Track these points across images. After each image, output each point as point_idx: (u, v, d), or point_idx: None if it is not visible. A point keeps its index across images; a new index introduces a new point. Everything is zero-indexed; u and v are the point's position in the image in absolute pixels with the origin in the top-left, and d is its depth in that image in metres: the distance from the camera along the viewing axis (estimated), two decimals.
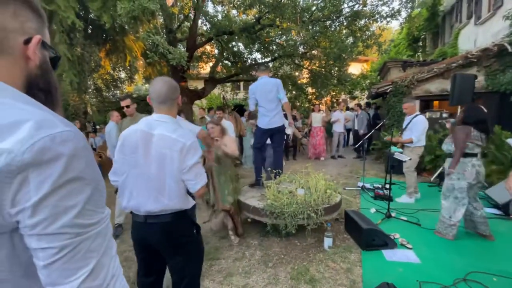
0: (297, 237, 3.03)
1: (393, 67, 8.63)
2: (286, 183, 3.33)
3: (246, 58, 9.76)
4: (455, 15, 10.19)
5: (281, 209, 2.72)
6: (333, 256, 2.68)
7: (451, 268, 2.42)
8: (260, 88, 3.64)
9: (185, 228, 1.49)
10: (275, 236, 3.07)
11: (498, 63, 5.88)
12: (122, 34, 7.09)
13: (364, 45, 7.36)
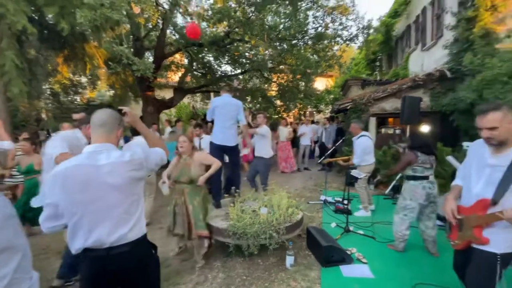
0: (260, 256, 3.04)
1: (354, 85, 9.26)
2: (250, 201, 3.36)
3: (216, 70, 9.81)
4: (406, 41, 11.34)
5: (244, 229, 2.73)
6: (294, 274, 2.73)
7: (400, 281, 2.60)
8: (221, 105, 3.77)
9: (147, 251, 1.51)
10: (239, 257, 3.05)
11: (440, 86, 6.64)
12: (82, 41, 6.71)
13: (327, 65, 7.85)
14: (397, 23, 12.04)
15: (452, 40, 6.78)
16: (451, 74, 6.39)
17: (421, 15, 9.45)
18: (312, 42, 7.66)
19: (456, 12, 6.70)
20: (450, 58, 6.73)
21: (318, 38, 7.43)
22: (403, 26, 11.57)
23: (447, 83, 6.53)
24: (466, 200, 1.69)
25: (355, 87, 9.26)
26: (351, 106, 7.28)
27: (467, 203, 1.67)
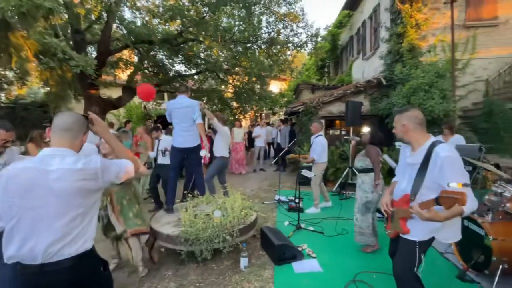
0: (214, 260, 3.01)
1: (305, 89, 9.82)
2: (204, 205, 3.30)
3: (169, 69, 9.40)
4: (349, 50, 12.46)
5: (197, 234, 2.66)
6: (248, 276, 2.76)
7: (344, 272, 2.81)
8: (176, 107, 3.64)
9: (92, 268, 1.36)
10: (192, 263, 2.96)
11: (378, 92, 7.45)
12: (5, 29, 5.76)
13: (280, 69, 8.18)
14: (342, 33, 13.14)
15: (386, 52, 7.67)
16: (386, 82, 7.23)
17: (361, 28, 10.48)
18: (266, 46, 7.90)
19: (389, 27, 7.60)
20: (385, 68, 7.61)
21: (271, 43, 7.70)
22: (347, 37, 12.69)
23: (383, 90, 7.36)
24: (397, 194, 1.91)
25: (306, 91, 9.81)
26: (302, 109, 7.69)
27: (397, 197, 1.90)
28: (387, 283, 2.55)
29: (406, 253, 1.77)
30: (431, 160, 1.64)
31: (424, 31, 7.14)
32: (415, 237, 1.74)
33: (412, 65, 6.72)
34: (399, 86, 6.71)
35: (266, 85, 9.91)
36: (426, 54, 7.10)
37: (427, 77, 5.85)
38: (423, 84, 5.80)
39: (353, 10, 11.29)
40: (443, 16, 7.17)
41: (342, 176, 5.75)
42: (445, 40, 7.09)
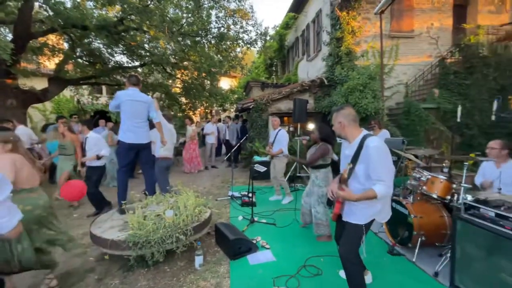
0: (167, 262, 2.87)
1: (255, 86, 10.01)
2: (154, 205, 3.11)
3: (107, 59, 8.46)
4: (295, 51, 13.14)
5: (147, 237, 2.50)
6: (204, 274, 2.72)
7: (296, 258, 3.00)
8: (128, 101, 3.34)
9: None
10: (141, 268, 2.77)
11: (321, 91, 8.06)
12: None
13: (230, 65, 8.16)
14: (288, 34, 13.76)
15: (327, 54, 8.33)
16: (328, 82, 7.87)
17: (306, 30, 11.14)
18: (216, 41, 7.76)
19: (329, 32, 8.26)
20: (327, 69, 8.27)
21: (220, 38, 7.60)
22: (293, 38, 13.34)
23: (325, 89, 8.00)
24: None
25: (256, 88, 10.01)
26: (253, 105, 7.84)
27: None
28: (333, 264, 2.83)
29: (352, 235, 2.00)
30: (362, 150, 1.89)
31: (358, 37, 7.98)
32: (360, 221, 1.97)
33: (349, 68, 7.46)
34: (339, 86, 7.38)
35: (216, 81, 9.76)
36: (360, 58, 7.97)
37: (362, 78, 6.57)
38: (358, 85, 6.50)
39: (298, 13, 11.91)
40: (373, 26, 8.13)
41: (291, 170, 6.07)
42: (375, 47, 8.05)
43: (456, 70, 7.67)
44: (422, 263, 2.84)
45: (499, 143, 3.01)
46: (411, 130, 6.92)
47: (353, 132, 2.02)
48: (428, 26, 8.53)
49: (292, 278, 2.61)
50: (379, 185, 1.81)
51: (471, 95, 7.28)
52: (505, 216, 1.97)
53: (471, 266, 2.21)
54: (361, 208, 1.96)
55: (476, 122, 6.98)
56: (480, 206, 2.17)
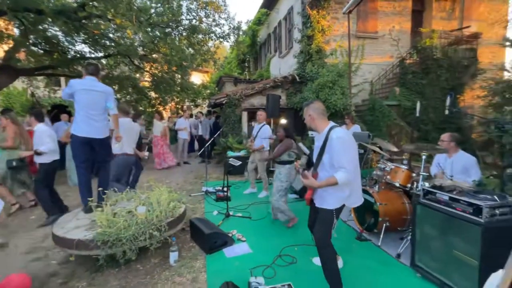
0: (139, 260, 2.77)
1: (227, 81, 9.93)
2: (124, 202, 2.96)
3: (66, 48, 7.75)
4: (267, 47, 13.26)
5: (117, 234, 2.38)
6: (179, 269, 2.67)
7: (272, 249, 3.07)
8: (83, 90, 3.09)
9: None
10: (112, 268, 2.64)
11: (293, 87, 8.25)
12: None
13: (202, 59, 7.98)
14: (260, 30, 13.81)
15: (299, 52, 8.53)
16: (299, 79, 8.08)
17: (278, 27, 11.28)
18: (187, 33, 7.51)
19: (301, 29, 8.45)
20: (298, 66, 8.48)
21: (192, 30, 7.37)
22: (265, 34, 13.42)
23: (297, 86, 8.21)
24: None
25: (228, 83, 9.93)
26: (226, 100, 7.77)
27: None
28: (307, 253, 2.95)
29: (325, 220, 2.11)
30: (328, 141, 2.04)
31: (328, 36, 8.29)
32: (331, 206, 2.10)
33: (319, 65, 7.73)
34: (310, 83, 7.62)
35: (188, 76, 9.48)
36: (329, 56, 8.29)
37: (331, 76, 6.86)
38: (328, 82, 6.77)
39: (270, 9, 12.01)
40: (341, 25, 8.49)
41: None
42: (343, 46, 8.43)
43: (414, 70, 8.33)
44: (387, 246, 3.08)
45: (448, 136, 3.35)
46: (375, 126, 7.40)
47: (322, 124, 2.17)
48: (390, 28, 9.13)
49: (268, 268, 2.67)
50: (340, 172, 1.95)
51: (426, 94, 7.97)
52: (457, 199, 2.21)
53: (428, 246, 2.44)
54: (331, 194, 2.09)
55: (431, 119, 7.68)
56: (436, 191, 2.40)
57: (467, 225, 2.08)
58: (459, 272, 2.16)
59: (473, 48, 8.98)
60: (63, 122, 6.26)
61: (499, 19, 9.20)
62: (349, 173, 1.95)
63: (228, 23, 7.80)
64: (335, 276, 2.10)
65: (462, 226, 2.13)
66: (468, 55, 8.80)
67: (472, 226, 2.04)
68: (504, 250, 1.53)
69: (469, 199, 2.11)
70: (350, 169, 1.95)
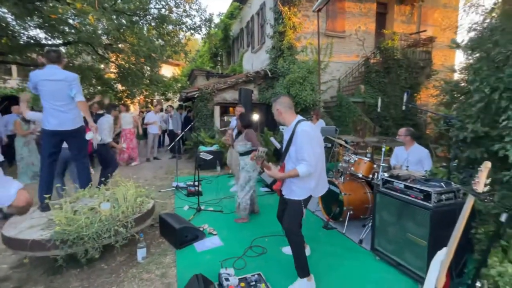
0: (104, 259, 2.64)
1: (199, 75, 9.72)
2: (86, 199, 2.80)
3: (18, 33, 6.99)
4: (240, 42, 13.17)
5: (78, 233, 2.25)
6: (147, 266, 2.60)
7: (243, 241, 3.11)
8: (45, 80, 2.86)
9: None
10: (73, 268, 2.49)
11: (265, 83, 8.32)
12: None
13: (172, 50, 7.71)
14: (233, 25, 13.66)
15: (271, 47, 8.61)
16: (271, 74, 8.17)
17: (250, 22, 11.25)
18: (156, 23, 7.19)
19: (273, 25, 8.52)
20: (270, 61, 8.56)
21: (161, 20, 7.06)
22: (238, 29, 13.31)
23: (269, 81, 8.30)
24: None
25: (200, 77, 9.72)
26: (198, 94, 7.61)
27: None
28: (276, 243, 3.03)
29: (293, 210, 2.20)
30: (294, 135, 2.13)
31: (299, 33, 8.46)
32: (299, 197, 2.18)
33: (290, 61, 7.88)
34: (281, 79, 7.75)
35: (157, 68, 9.09)
36: (300, 53, 8.48)
37: (301, 72, 7.03)
38: (298, 78, 6.94)
39: (243, 3, 11.91)
40: (312, 23, 8.72)
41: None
42: (313, 44, 8.67)
43: (377, 70, 8.86)
44: (350, 233, 3.29)
45: (404, 131, 3.65)
46: (342, 121, 7.77)
47: (289, 117, 2.24)
48: (356, 28, 9.57)
49: (239, 259, 2.71)
50: (301, 164, 2.04)
51: (388, 92, 8.54)
52: (410, 186, 2.42)
53: (386, 231, 2.66)
54: (299, 186, 2.17)
55: (391, 115, 8.26)
56: (393, 180, 2.61)
57: (418, 209, 2.30)
58: (411, 252, 2.39)
59: (428, 50, 9.78)
60: (14, 114, 5.67)
61: (451, 25, 10.11)
62: (310, 166, 2.03)
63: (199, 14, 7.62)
64: (303, 263, 2.20)
65: (414, 211, 2.34)
66: (424, 57, 9.58)
67: (423, 211, 2.26)
68: (448, 231, 1.73)
69: (420, 186, 2.33)
70: (311, 162, 2.03)
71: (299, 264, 2.20)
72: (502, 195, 2.25)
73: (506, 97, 2.24)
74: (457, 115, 2.82)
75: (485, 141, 2.67)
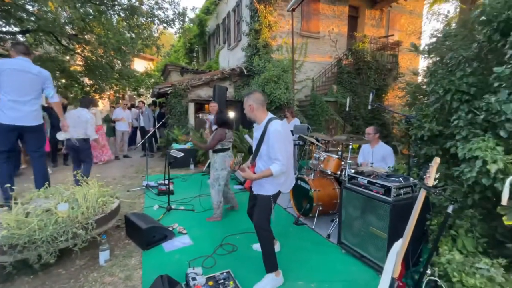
0: (61, 263, 2.47)
1: (173, 70, 9.43)
2: (41, 199, 2.59)
3: None
4: (216, 38, 12.98)
5: (30, 236, 2.08)
6: (110, 269, 2.48)
7: (214, 239, 3.08)
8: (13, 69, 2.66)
9: None
10: (26, 275, 2.30)
11: (240, 80, 8.28)
12: None
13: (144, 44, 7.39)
14: (209, 20, 13.42)
15: (247, 45, 8.58)
16: (247, 72, 8.15)
17: (227, 19, 11.13)
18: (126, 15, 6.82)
19: (249, 22, 8.50)
20: (246, 59, 8.54)
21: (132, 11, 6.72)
22: (214, 25, 13.10)
23: (245, 78, 8.27)
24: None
25: (174, 72, 9.44)
26: (171, 90, 7.38)
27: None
28: (247, 240, 3.04)
29: (263, 205, 2.22)
30: (266, 133, 2.12)
31: (274, 32, 8.52)
32: (268, 192, 2.21)
33: (266, 59, 7.91)
34: (257, 76, 7.76)
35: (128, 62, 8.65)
36: (275, 51, 8.55)
37: (276, 71, 7.10)
38: (273, 76, 7.00)
39: None
40: (287, 23, 8.82)
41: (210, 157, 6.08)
42: (288, 43, 8.79)
43: (348, 71, 9.20)
44: (319, 228, 3.39)
45: (372, 129, 3.83)
46: (315, 120, 7.98)
47: (261, 115, 2.23)
48: (330, 30, 9.85)
49: (209, 258, 2.68)
50: (275, 164, 2.06)
51: (358, 92, 8.91)
52: (373, 182, 2.54)
53: (351, 225, 2.77)
54: (268, 181, 2.19)
55: (362, 114, 8.64)
56: (358, 176, 2.73)
57: (380, 204, 2.42)
58: (373, 245, 2.51)
59: (395, 54, 10.35)
60: None
61: (415, 31, 10.78)
62: (283, 165, 2.06)
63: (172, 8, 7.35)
64: (271, 258, 2.23)
65: (376, 205, 2.47)
66: (391, 60, 10.12)
67: (383, 205, 2.38)
68: (406, 224, 1.84)
69: (382, 182, 2.46)
70: (284, 161, 2.07)
71: (268, 259, 2.22)
72: (453, 189, 2.44)
73: (457, 98, 2.42)
74: (416, 115, 3.01)
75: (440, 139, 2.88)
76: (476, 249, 2.18)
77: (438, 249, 2.12)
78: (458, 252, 2.07)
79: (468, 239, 2.22)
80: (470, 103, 2.40)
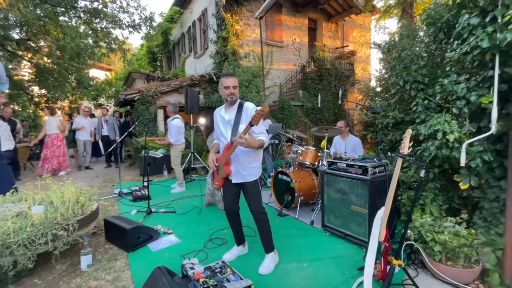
0: (40, 270, 2.24)
1: (138, 78, 9.11)
2: (11, 203, 2.33)
3: None
4: (181, 47, 12.90)
5: (4, 240, 1.87)
6: (95, 273, 2.30)
7: (202, 236, 3.04)
8: None
9: None
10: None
11: (210, 87, 8.33)
12: None
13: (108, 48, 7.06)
14: (173, 29, 13.31)
15: (215, 52, 8.71)
16: (216, 78, 8.24)
17: (192, 27, 11.17)
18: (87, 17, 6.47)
19: (216, 30, 8.67)
20: (214, 66, 8.64)
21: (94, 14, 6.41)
22: (178, 33, 13.02)
23: (214, 85, 8.35)
24: (222, 150, 2.33)
25: (139, 80, 9.13)
26: (138, 97, 7.12)
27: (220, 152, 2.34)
28: None
29: (255, 191, 2.29)
30: (243, 111, 2.21)
31: (241, 40, 8.81)
32: (256, 176, 2.31)
33: (235, 66, 8.11)
34: None
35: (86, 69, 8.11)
36: (243, 59, 8.82)
37: (247, 76, 7.32)
38: (244, 81, 7.20)
39: (184, 8, 11.76)
40: (253, 32, 9.20)
41: (186, 161, 5.97)
42: (255, 51, 9.14)
43: (312, 77, 9.85)
44: (302, 217, 3.55)
45: (343, 122, 4.19)
46: (285, 123, 8.33)
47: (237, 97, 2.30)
48: (292, 39, 10.50)
49: (201, 252, 2.65)
50: (263, 135, 2.18)
51: (322, 97, 9.56)
52: (351, 164, 2.80)
53: (333, 208, 2.98)
54: (254, 166, 2.30)
55: (325, 117, 9.27)
56: (337, 161, 2.97)
57: (359, 183, 2.67)
58: (355, 222, 2.74)
59: (351, 62, 11.39)
60: None
61: (365, 42, 12.03)
62: (267, 137, 2.25)
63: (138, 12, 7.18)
64: (271, 238, 2.37)
65: (356, 185, 2.71)
66: (348, 68, 11.10)
67: (362, 183, 2.64)
68: (382, 198, 2.09)
69: (359, 163, 2.72)
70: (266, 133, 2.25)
71: (268, 240, 2.34)
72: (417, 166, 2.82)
73: (414, 87, 2.83)
74: (380, 105, 3.41)
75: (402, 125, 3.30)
76: (440, 214, 2.54)
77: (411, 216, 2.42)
78: (428, 216, 2.39)
79: (433, 206, 2.57)
80: (424, 91, 2.83)
